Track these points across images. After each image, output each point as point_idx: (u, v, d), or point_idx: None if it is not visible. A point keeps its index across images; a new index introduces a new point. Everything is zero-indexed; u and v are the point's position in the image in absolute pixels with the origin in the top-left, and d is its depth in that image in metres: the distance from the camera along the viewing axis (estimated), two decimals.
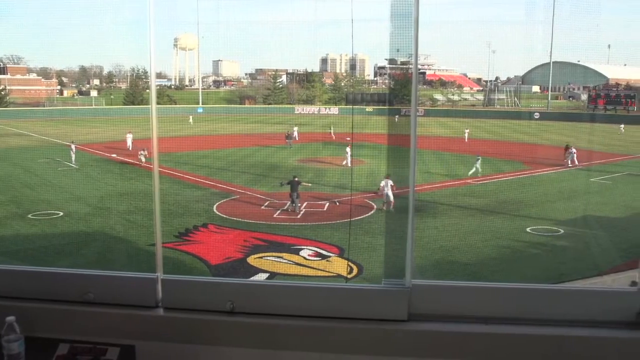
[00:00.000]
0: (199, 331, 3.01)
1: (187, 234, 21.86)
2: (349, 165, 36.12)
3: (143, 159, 35.21)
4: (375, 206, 25.82)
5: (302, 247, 20.69)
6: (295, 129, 53.05)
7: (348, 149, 36.54)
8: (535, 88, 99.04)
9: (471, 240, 21.81)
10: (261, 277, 17.81)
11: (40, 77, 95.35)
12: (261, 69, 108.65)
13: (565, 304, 2.99)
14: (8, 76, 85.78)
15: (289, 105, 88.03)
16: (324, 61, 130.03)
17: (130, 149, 40.95)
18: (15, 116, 67.88)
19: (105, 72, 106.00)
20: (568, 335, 2.86)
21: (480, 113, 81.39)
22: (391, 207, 23.96)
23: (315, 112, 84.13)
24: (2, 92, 76.48)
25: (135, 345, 2.96)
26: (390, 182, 24.29)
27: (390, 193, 24.15)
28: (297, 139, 50.28)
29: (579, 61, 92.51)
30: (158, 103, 61.84)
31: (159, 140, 3.71)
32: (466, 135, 50.66)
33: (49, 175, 33.60)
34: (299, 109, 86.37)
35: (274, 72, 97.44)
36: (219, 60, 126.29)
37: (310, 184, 26.59)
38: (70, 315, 3.10)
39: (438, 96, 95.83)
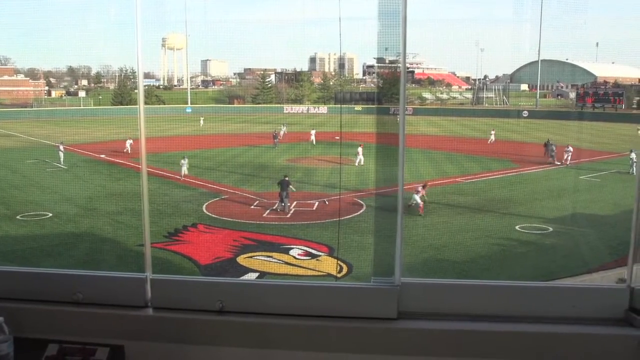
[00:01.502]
0: (188, 331, 3.00)
1: (176, 234, 21.81)
2: (362, 163, 35.95)
3: (186, 170, 32.78)
4: (364, 204, 25.86)
5: (292, 246, 20.69)
6: (283, 128, 52.87)
7: (360, 149, 36.32)
8: (524, 86, 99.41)
9: (460, 238, 21.88)
10: (251, 276, 17.79)
11: (28, 78, 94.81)
12: (250, 69, 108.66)
13: (554, 301, 3.00)
14: None
15: (277, 105, 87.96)
16: (312, 60, 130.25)
17: (130, 152, 40.38)
18: (3, 117, 67.39)
19: (93, 72, 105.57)
20: (557, 333, 2.87)
21: (468, 111, 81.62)
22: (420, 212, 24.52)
23: (304, 112, 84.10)
24: None
25: (125, 345, 2.95)
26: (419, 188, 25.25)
27: (417, 197, 24.70)
28: (281, 138, 49.78)
29: (567, 59, 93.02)
30: (146, 103, 61.65)
31: (147, 140, 3.69)
32: (493, 136, 49.25)
33: (37, 176, 33.41)
34: (288, 108, 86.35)
35: (262, 72, 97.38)
36: (208, 60, 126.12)
37: (294, 189, 26.45)
38: (59, 315, 3.08)
39: (427, 95, 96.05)
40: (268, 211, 25.52)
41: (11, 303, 3.08)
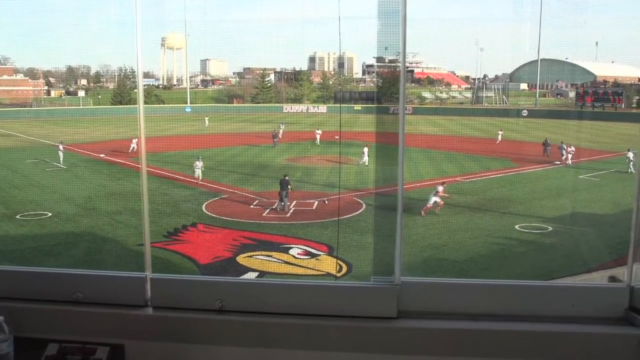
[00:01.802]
0: (188, 330, 3.00)
1: (175, 234, 21.80)
2: (367, 164, 35.58)
3: (200, 174, 31.66)
4: (364, 204, 25.87)
5: (292, 245, 20.69)
6: (282, 127, 52.71)
7: (365, 149, 36.01)
8: (523, 85, 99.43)
9: (460, 237, 21.89)
10: (251, 276, 17.79)
11: (28, 78, 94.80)
12: (249, 68, 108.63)
13: (554, 300, 3.00)
14: None
15: (277, 104, 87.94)
16: (311, 59, 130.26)
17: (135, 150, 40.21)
18: (2, 117, 67.33)
19: (92, 72, 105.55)
20: (557, 332, 2.87)
21: (468, 111, 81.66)
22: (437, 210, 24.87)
23: (304, 111, 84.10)
24: None
25: (125, 344, 2.95)
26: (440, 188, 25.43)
27: (436, 197, 24.96)
28: (280, 137, 49.59)
29: (567, 58, 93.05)
30: (146, 103, 61.60)
31: (146, 140, 3.69)
32: (500, 136, 48.91)
33: (37, 176, 33.41)
34: (288, 107, 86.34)
35: (262, 71, 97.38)
36: (207, 60, 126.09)
37: (291, 188, 26.41)
38: (59, 315, 3.08)
39: (426, 94, 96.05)
40: (268, 210, 25.53)
41: (11, 302, 3.08)
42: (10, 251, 19.98)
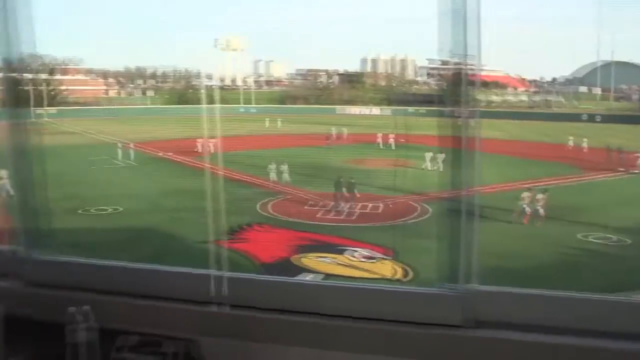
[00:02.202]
0: (257, 328, 3.05)
1: (237, 232, 22.06)
2: (429, 168, 34.73)
3: (275, 177, 31.37)
4: (429, 208, 25.55)
5: (352, 248, 20.64)
6: (344, 130, 52.52)
7: (429, 154, 34.97)
8: (595, 90, 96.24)
9: (526, 245, 21.31)
10: (309, 277, 17.84)
11: (99, 77, 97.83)
12: (310, 69, 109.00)
13: None
14: (68, 77, 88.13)
15: (336, 106, 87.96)
16: (369, 61, 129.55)
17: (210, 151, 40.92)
18: (76, 115, 69.62)
19: (160, 72, 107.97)
20: None
21: (535, 115, 79.74)
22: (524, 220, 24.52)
23: (365, 113, 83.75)
24: (53, 92, 77.40)
25: (199, 340, 3.02)
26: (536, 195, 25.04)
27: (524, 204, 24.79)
28: (344, 138, 49.44)
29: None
30: (210, 103, 62.36)
31: (211, 140, 3.76)
32: (585, 143, 46.31)
33: (106, 172, 34.37)
34: (347, 109, 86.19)
35: (322, 73, 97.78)
36: (270, 61, 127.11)
37: (356, 191, 26.38)
38: (137, 308, 3.19)
39: (492, 97, 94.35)
40: (328, 212, 25.50)
41: (93, 294, 3.20)
42: (84, 243, 20.55)
